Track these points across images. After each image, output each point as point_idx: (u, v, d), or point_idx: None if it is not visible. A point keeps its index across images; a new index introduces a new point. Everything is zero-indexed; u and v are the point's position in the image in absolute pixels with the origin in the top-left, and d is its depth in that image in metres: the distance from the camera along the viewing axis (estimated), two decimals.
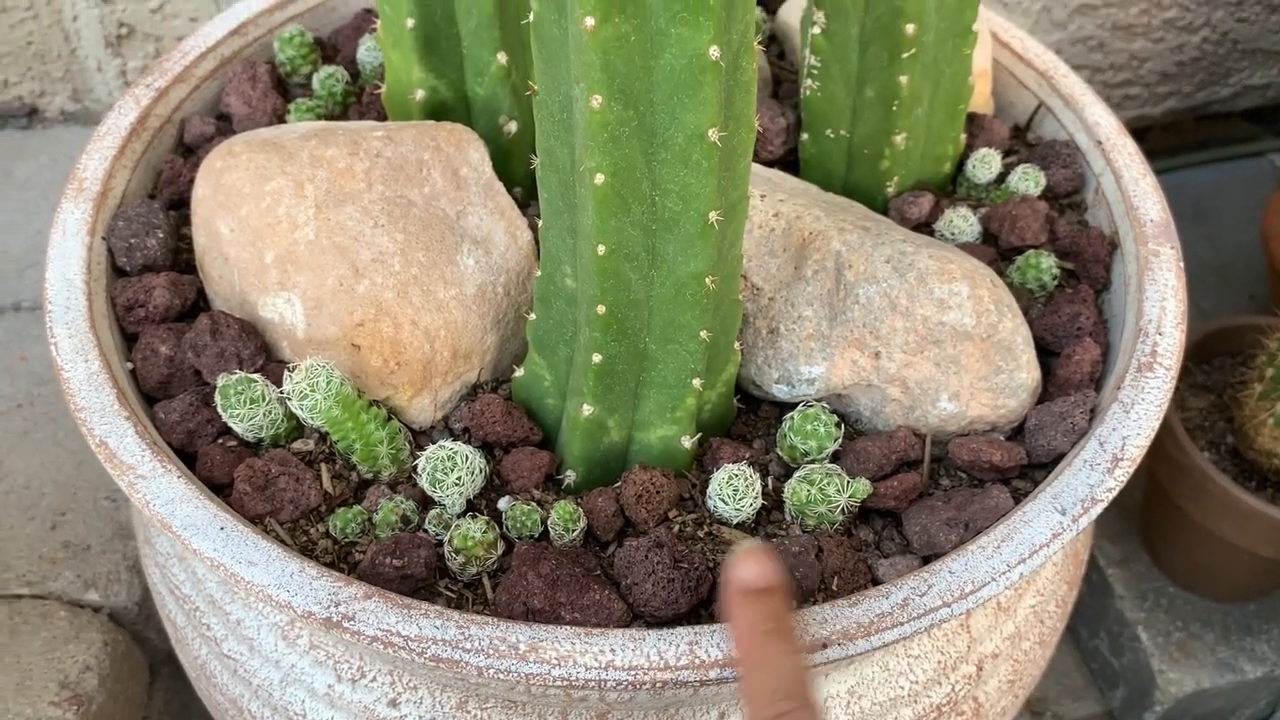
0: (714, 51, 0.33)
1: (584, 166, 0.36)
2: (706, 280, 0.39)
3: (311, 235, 0.46)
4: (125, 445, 0.42)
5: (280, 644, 0.46)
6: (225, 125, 0.58)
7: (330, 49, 0.63)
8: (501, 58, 0.50)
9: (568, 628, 0.37)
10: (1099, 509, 0.42)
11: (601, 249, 0.37)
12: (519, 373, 0.46)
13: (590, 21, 0.32)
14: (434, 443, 0.45)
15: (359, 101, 0.59)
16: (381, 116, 0.57)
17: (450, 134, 0.49)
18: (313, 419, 0.43)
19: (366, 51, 0.60)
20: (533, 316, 0.43)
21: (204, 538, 0.39)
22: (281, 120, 0.58)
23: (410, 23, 0.49)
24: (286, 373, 0.44)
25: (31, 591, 0.60)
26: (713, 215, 0.37)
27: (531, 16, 0.35)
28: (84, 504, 0.64)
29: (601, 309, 0.39)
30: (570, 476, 0.44)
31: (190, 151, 0.57)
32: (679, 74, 0.34)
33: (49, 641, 0.58)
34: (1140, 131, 1.10)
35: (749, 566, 0.36)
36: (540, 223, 0.41)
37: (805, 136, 0.54)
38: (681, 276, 0.39)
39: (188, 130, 0.57)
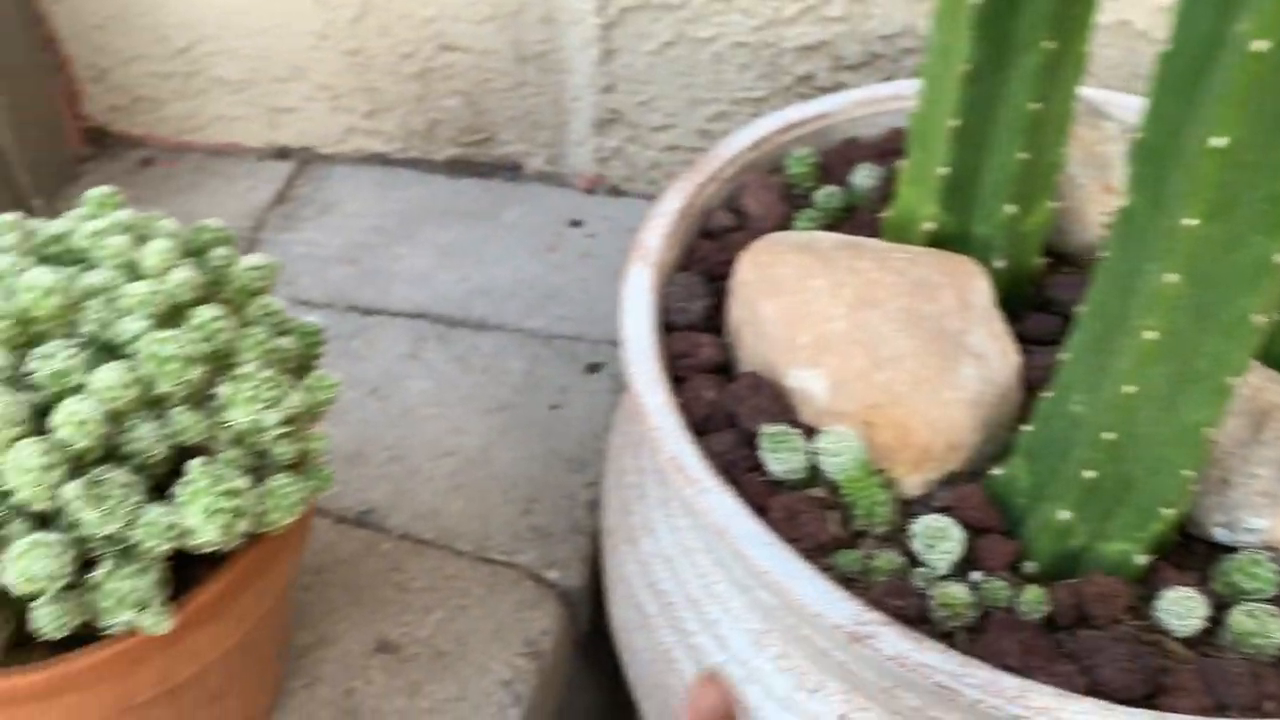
0: (1279, 257, 0.42)
1: (1136, 323, 0.45)
2: (1207, 430, 0.47)
3: (842, 328, 0.57)
4: (692, 463, 0.54)
5: (750, 647, 0.56)
6: (740, 220, 0.71)
7: (822, 168, 0.75)
8: (1009, 208, 0.60)
9: (1049, 686, 0.45)
10: None
11: (1131, 389, 0.46)
12: (997, 471, 0.55)
13: (1192, 222, 0.41)
14: (914, 513, 0.54)
15: (849, 219, 0.71)
16: (870, 233, 0.69)
17: (961, 265, 0.59)
18: (833, 473, 0.54)
19: (862, 178, 0.72)
20: (1029, 429, 0.53)
21: (757, 548, 0.50)
22: (785, 223, 0.70)
23: (942, 170, 0.60)
24: (818, 433, 0.55)
25: (506, 560, 0.74)
26: (1234, 380, 0.45)
27: (1125, 203, 0.44)
28: (548, 498, 0.78)
29: (1111, 436, 0.48)
30: (1031, 566, 0.53)
31: (710, 235, 0.70)
32: (1245, 269, 0.42)
33: (517, 604, 0.71)
34: None
35: (708, 694, 0.42)
36: (1065, 355, 0.50)
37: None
38: (1187, 423, 0.47)
39: (711, 219, 0.70)
